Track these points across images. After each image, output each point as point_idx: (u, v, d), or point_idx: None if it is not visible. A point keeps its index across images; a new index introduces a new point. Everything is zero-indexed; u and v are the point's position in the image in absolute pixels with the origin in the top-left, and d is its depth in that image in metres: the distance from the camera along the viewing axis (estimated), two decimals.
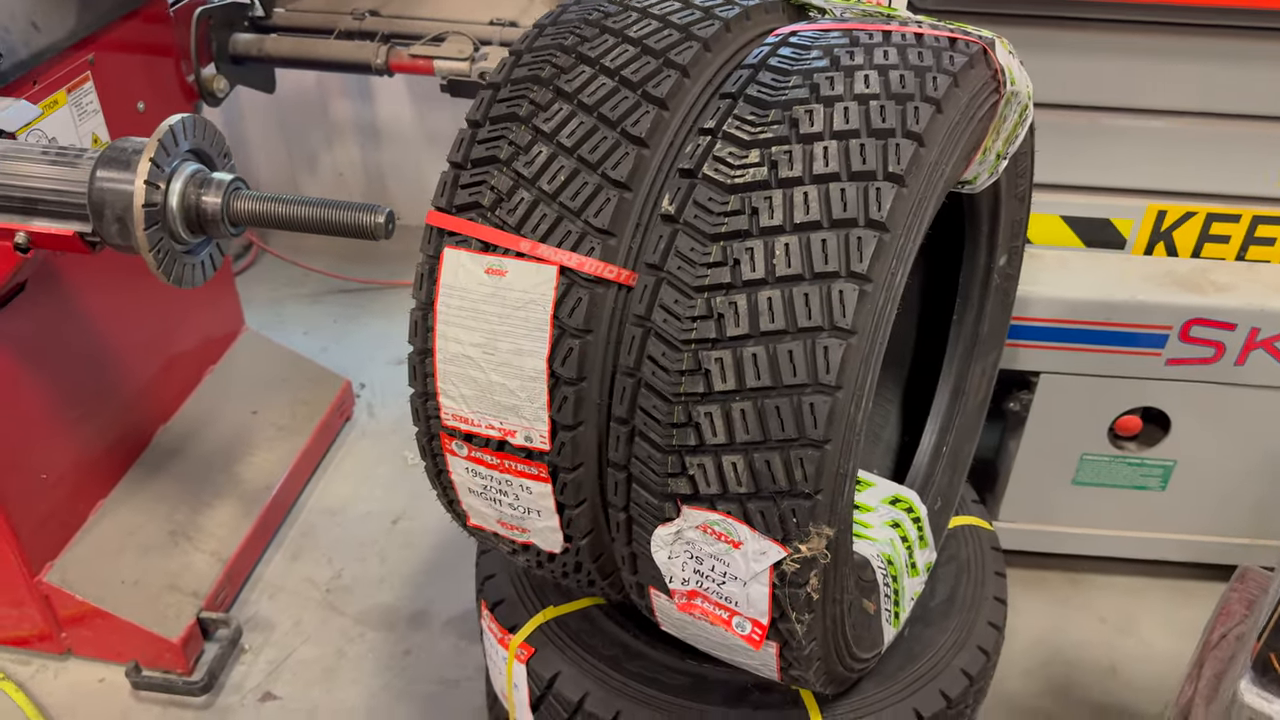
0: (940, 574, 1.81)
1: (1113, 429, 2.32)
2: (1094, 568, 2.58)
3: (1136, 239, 2.25)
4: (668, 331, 1.20)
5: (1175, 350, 2.17)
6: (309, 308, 3.48)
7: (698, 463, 1.20)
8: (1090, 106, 2.11)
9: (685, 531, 1.25)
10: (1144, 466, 2.36)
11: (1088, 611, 2.50)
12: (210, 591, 2.33)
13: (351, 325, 3.41)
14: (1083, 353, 2.20)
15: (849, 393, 1.14)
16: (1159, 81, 2.05)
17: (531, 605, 1.74)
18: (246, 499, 2.54)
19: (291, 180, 3.87)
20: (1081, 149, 2.14)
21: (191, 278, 1.80)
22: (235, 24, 2.62)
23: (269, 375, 2.83)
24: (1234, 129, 2.10)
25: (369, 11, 2.68)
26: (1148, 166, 2.16)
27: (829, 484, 1.16)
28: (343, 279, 3.57)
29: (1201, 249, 2.25)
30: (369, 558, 2.60)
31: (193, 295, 2.64)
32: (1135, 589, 2.55)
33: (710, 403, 1.18)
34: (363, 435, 2.97)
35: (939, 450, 1.81)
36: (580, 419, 1.30)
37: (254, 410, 2.73)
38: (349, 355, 3.20)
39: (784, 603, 1.23)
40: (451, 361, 1.34)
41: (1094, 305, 2.13)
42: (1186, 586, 2.55)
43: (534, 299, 1.27)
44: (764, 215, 1.17)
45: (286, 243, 3.73)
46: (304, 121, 3.70)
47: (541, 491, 1.36)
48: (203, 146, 1.76)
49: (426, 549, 2.62)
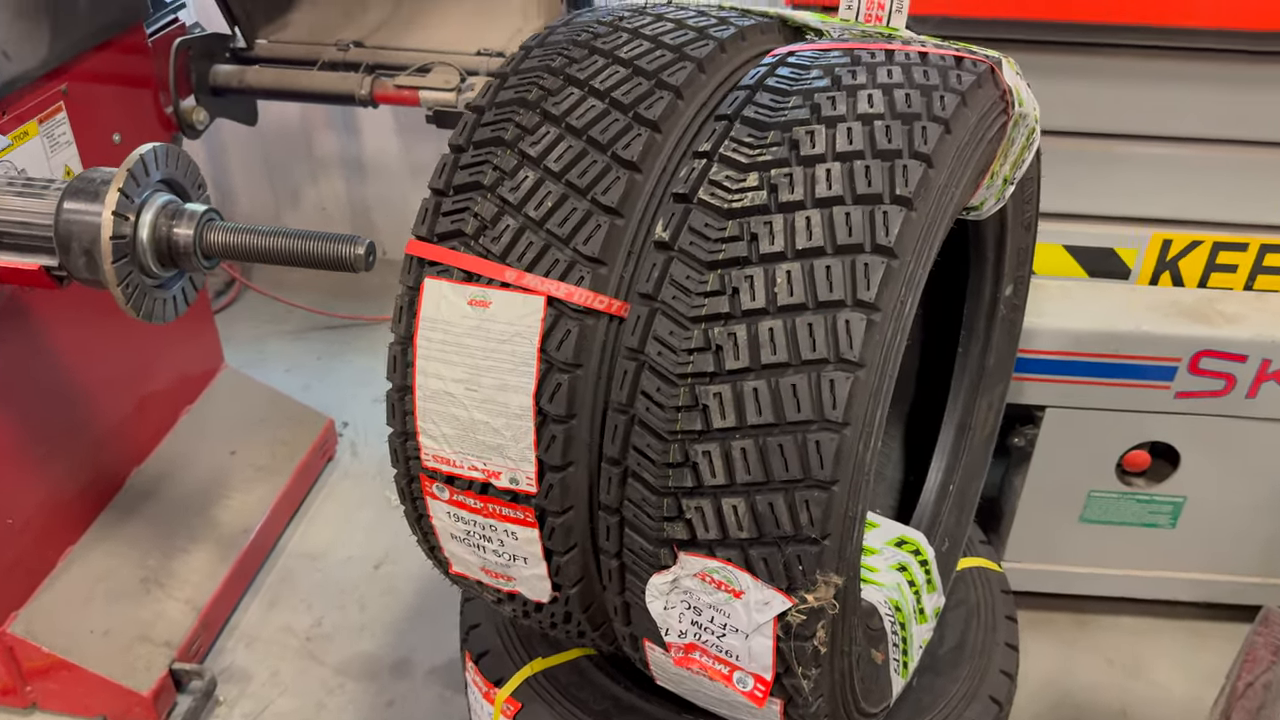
0: (949, 619, 1.72)
1: (1120, 465, 2.25)
2: (1101, 608, 2.50)
3: (1141, 269, 2.19)
4: (662, 365, 1.13)
5: (1184, 383, 2.11)
6: (291, 344, 3.40)
7: (695, 505, 1.12)
8: (1093, 133, 2.05)
9: (682, 580, 1.16)
10: (1153, 503, 2.29)
11: (1096, 654, 2.41)
12: (184, 641, 2.22)
13: (335, 362, 3.32)
14: (1089, 386, 2.13)
15: (857, 430, 1.06)
16: (1164, 107, 2.00)
17: (518, 657, 1.65)
18: (223, 543, 2.44)
19: (275, 215, 3.80)
20: (1084, 177, 2.09)
21: (163, 313, 1.72)
22: (216, 55, 2.57)
23: (248, 414, 2.74)
24: (1241, 155, 2.05)
25: (353, 43, 2.62)
26: (1152, 194, 2.10)
27: (837, 528, 1.08)
28: (326, 315, 3.49)
29: (1208, 279, 2.19)
30: (349, 605, 2.50)
31: (169, 332, 2.56)
32: (1144, 630, 2.47)
33: (708, 441, 1.10)
34: (345, 475, 2.88)
35: (945, 489, 1.74)
36: (569, 459, 1.22)
37: (232, 450, 2.64)
38: (332, 393, 3.12)
39: (789, 656, 1.14)
40: (432, 399, 1.26)
41: (1100, 337, 2.06)
42: (1198, 627, 2.47)
43: (520, 331, 1.20)
44: (764, 241, 1.10)
45: (269, 279, 3.66)
46: (288, 155, 3.64)
47: (528, 537, 1.28)
48: (175, 177, 1.69)
49: (409, 595, 2.52)
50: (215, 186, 3.73)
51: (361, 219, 3.77)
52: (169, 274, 1.71)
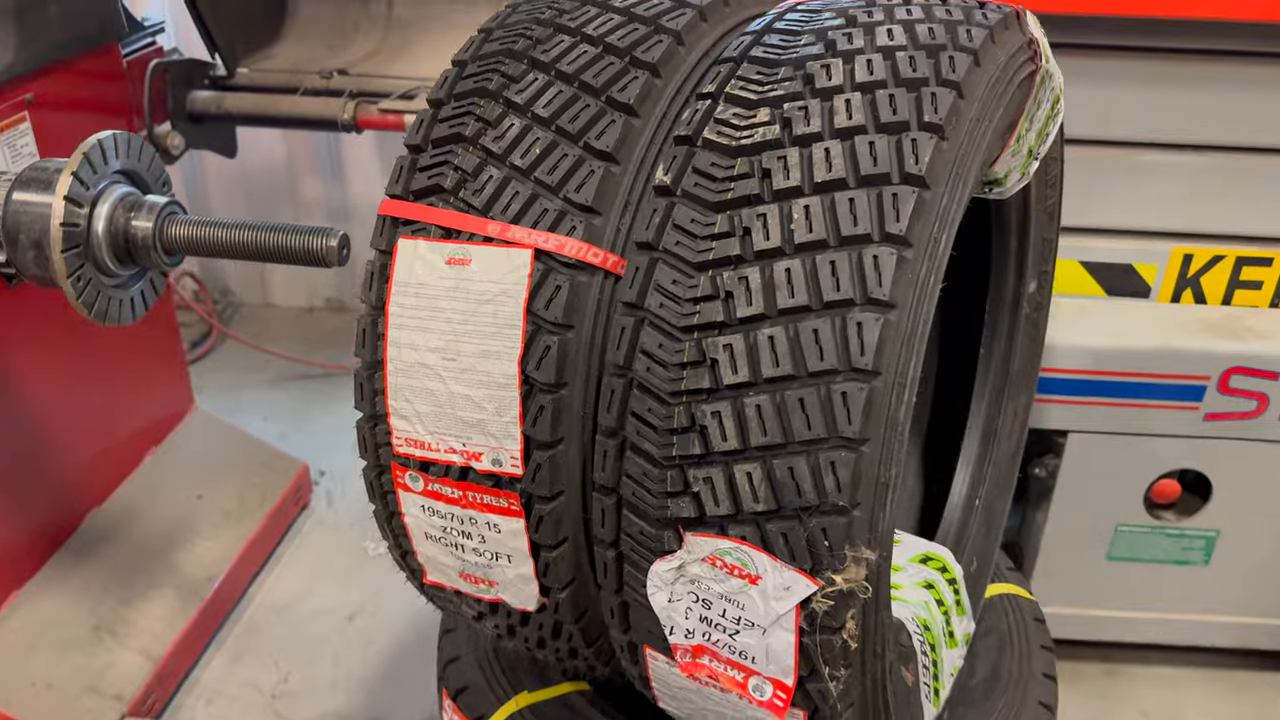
0: (979, 649, 1.56)
1: (1149, 496, 2.10)
2: (1131, 657, 2.32)
3: (1162, 286, 2.08)
4: (664, 319, 1.00)
5: (1214, 404, 1.98)
6: (269, 392, 3.26)
7: (704, 476, 0.98)
8: (1108, 141, 1.97)
9: (689, 566, 1.01)
10: (1184, 538, 2.14)
11: (1129, 705, 2.23)
12: (137, 695, 2.03)
13: (314, 410, 3.18)
14: (1113, 408, 2.00)
15: (889, 380, 0.93)
16: (1182, 114, 1.92)
17: (502, 692, 1.48)
18: (184, 591, 2.26)
19: (258, 265, 3.69)
20: (1100, 188, 1.99)
21: (118, 314, 1.59)
22: (195, 82, 2.48)
23: (218, 457, 2.58)
24: (1264, 164, 1.96)
25: (337, 71, 2.55)
26: (1172, 206, 2.01)
27: (868, 495, 0.93)
28: (306, 363, 3.35)
29: (1232, 296, 2.08)
30: (320, 659, 2.31)
31: (135, 367, 2.43)
32: (1178, 680, 2.29)
33: (718, 400, 0.97)
34: (320, 525, 2.71)
35: (971, 504, 1.59)
36: (559, 435, 1.08)
37: (199, 495, 2.47)
38: (309, 441, 2.96)
39: (814, 654, 0.99)
40: (405, 372, 1.12)
41: (1123, 354, 1.94)
42: (1235, 678, 2.29)
43: (504, 290, 1.07)
44: (778, 177, 0.98)
45: (249, 329, 3.53)
46: (271, 200, 3.55)
47: (512, 529, 1.12)
48: (136, 169, 1.58)
49: (387, 648, 2.34)
50: None
51: (348, 268, 3.66)
52: (127, 272, 1.58)
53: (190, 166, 3.51)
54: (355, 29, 2.75)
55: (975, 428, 1.61)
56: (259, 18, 2.65)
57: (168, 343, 2.56)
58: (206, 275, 3.71)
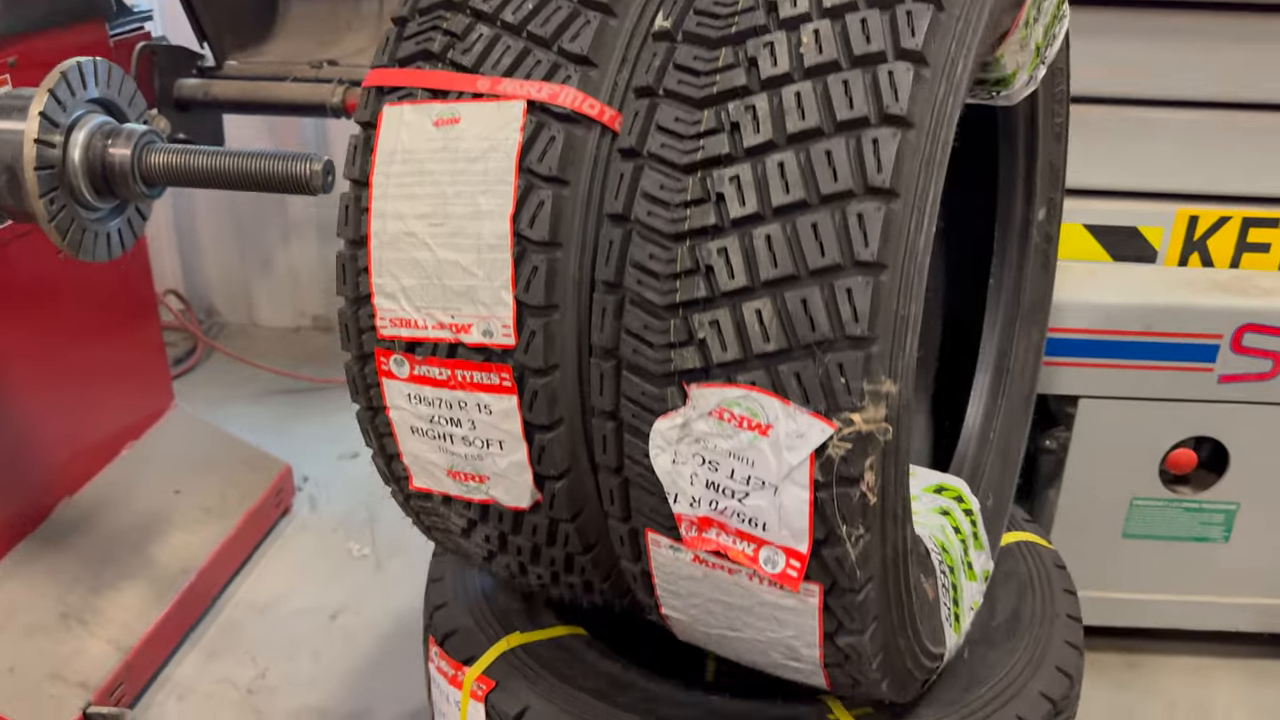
0: (998, 594, 1.47)
1: (1164, 467, 2.03)
2: (1152, 648, 2.22)
3: (1168, 250, 2.03)
4: (666, 158, 0.94)
5: (1227, 364, 1.92)
6: (253, 406, 3.17)
7: (710, 320, 0.91)
8: (1111, 99, 1.93)
9: (694, 423, 0.94)
10: (1203, 512, 2.06)
11: (1154, 697, 2.12)
12: (104, 683, 1.91)
13: (298, 424, 3.09)
14: (1124, 370, 1.94)
15: (908, 202, 0.87)
16: (1185, 69, 1.89)
17: (492, 633, 1.38)
18: (159, 583, 2.15)
19: (244, 281, 3.63)
20: (1102, 147, 1.95)
21: (93, 248, 1.52)
22: (182, 70, 2.45)
23: (197, 455, 2.49)
24: (1270, 121, 1.93)
25: (327, 61, 2.52)
26: (1175, 165, 1.97)
27: (886, 325, 0.87)
28: (293, 376, 3.27)
29: (1240, 260, 2.03)
30: (300, 656, 2.19)
31: (113, 360, 2.35)
32: (1203, 670, 2.18)
33: (725, 235, 0.91)
34: (303, 528, 2.60)
35: (985, 437, 1.52)
36: (553, 299, 1.01)
37: (176, 490, 2.37)
38: (293, 451, 2.86)
39: (830, 512, 0.91)
40: (390, 245, 1.06)
41: (1133, 311, 1.89)
42: (1262, 666, 2.19)
43: (494, 145, 1.01)
44: (784, 6, 0.94)
45: (235, 348, 3.46)
46: (260, 218, 3.51)
47: (504, 409, 1.05)
48: (114, 99, 1.53)
49: (370, 644, 2.22)
50: (179, 250, 3.58)
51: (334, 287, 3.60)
52: (106, 205, 1.52)
53: None
54: (347, 27, 2.73)
55: (987, 360, 1.55)
56: (249, 14, 2.64)
57: (147, 336, 2.48)
58: (192, 295, 3.65)
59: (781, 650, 1.06)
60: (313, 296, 3.62)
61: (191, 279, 3.62)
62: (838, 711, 1.26)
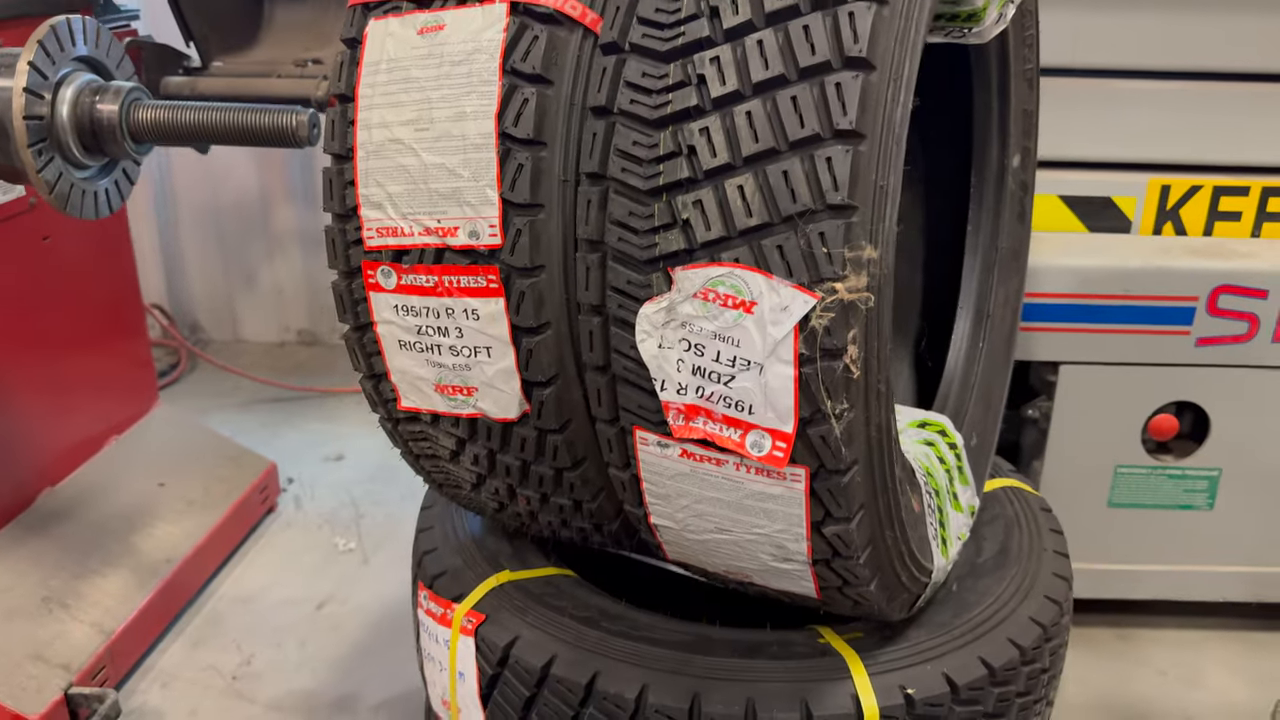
0: (985, 533, 1.48)
1: (1147, 434, 2.04)
2: (1141, 621, 2.22)
3: (1142, 220, 2.07)
4: (647, 47, 0.96)
5: (1205, 327, 1.94)
6: (238, 415, 3.16)
7: (693, 200, 0.93)
8: (1080, 70, 1.98)
9: (679, 306, 0.95)
10: (1186, 479, 2.07)
11: (1146, 667, 2.12)
12: (86, 666, 1.88)
13: (283, 429, 3.08)
14: (1104, 335, 1.96)
15: (884, 75, 0.89)
16: (1153, 40, 1.94)
17: (481, 570, 1.38)
18: (142, 571, 2.13)
19: (228, 296, 3.63)
20: (1074, 119, 2.00)
21: (81, 205, 1.53)
22: (168, 68, 2.48)
23: (182, 449, 2.48)
24: (1238, 91, 1.98)
25: (312, 60, 2.56)
26: (1146, 136, 2.01)
27: (866, 195, 0.89)
28: (277, 385, 3.26)
29: (1213, 228, 2.07)
30: (286, 643, 2.16)
31: (98, 352, 2.35)
32: (1192, 642, 2.18)
33: (706, 115, 0.93)
34: (288, 526, 2.58)
35: (968, 380, 1.54)
36: (538, 198, 1.03)
37: (161, 483, 2.36)
38: (279, 453, 2.84)
39: (815, 389, 0.92)
40: (376, 154, 1.08)
41: (1111, 274, 1.91)
42: (1250, 637, 2.19)
43: (478, 47, 1.03)
44: None
45: (221, 358, 3.45)
46: (243, 232, 3.52)
47: (491, 313, 1.06)
48: (100, 59, 1.54)
49: (357, 631, 2.20)
50: (163, 266, 3.58)
51: (321, 299, 3.61)
52: (96, 163, 1.54)
53: (161, 196, 3.49)
54: (332, 32, 2.77)
55: (967, 305, 1.57)
56: (235, 17, 2.67)
57: (132, 331, 2.48)
58: (176, 310, 3.65)
59: (770, 550, 1.06)
60: (297, 311, 3.63)
61: (175, 294, 3.62)
62: (828, 636, 1.26)
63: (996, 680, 1.22)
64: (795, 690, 1.16)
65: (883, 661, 1.20)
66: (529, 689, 1.23)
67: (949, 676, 1.20)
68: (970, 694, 1.20)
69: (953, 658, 1.22)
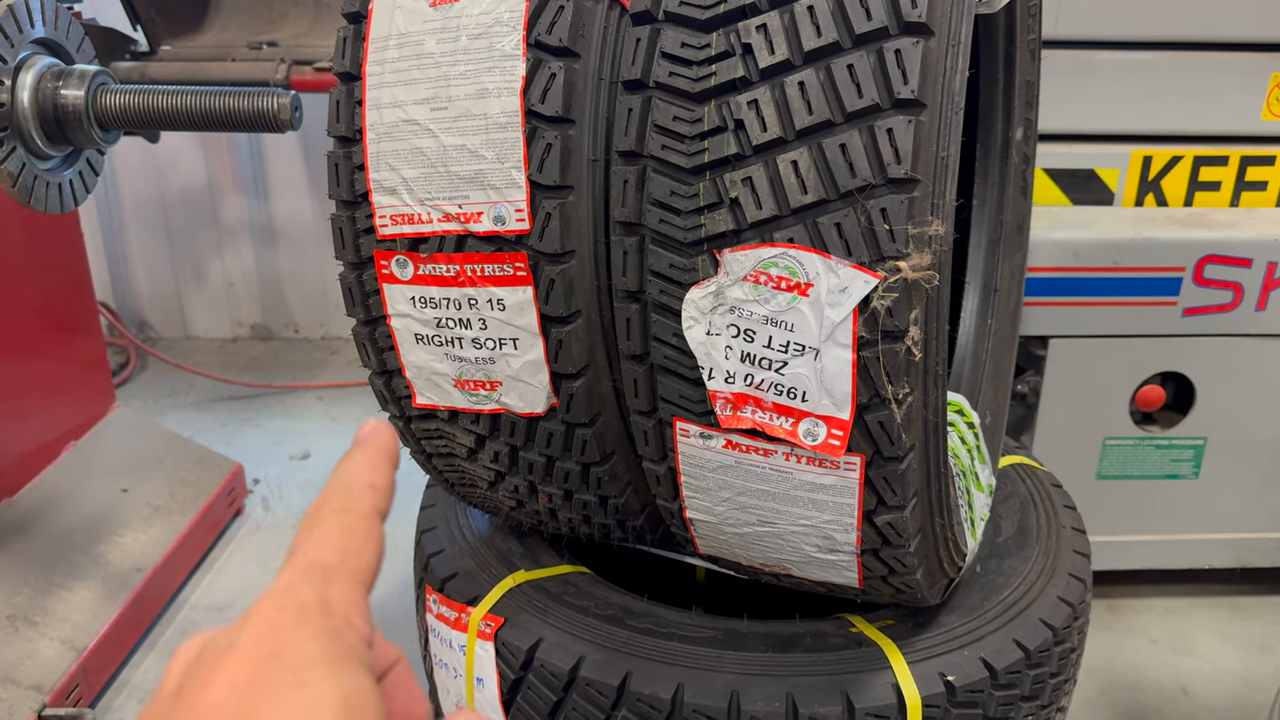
0: (1001, 511, 1.46)
1: (1134, 405, 2.05)
2: (1129, 592, 2.24)
3: (1124, 191, 2.07)
4: (687, 14, 0.91)
5: (1191, 297, 1.95)
6: (195, 414, 3.04)
7: (742, 178, 0.88)
8: (1061, 42, 1.97)
9: (728, 290, 0.90)
10: (1173, 449, 2.08)
11: (1137, 636, 2.13)
12: (59, 685, 1.79)
13: (244, 427, 2.97)
14: (1092, 308, 1.96)
15: (942, 40, 0.85)
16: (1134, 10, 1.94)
17: (495, 572, 1.32)
18: (111, 582, 2.03)
19: (176, 292, 3.50)
20: (1055, 91, 1.99)
21: (45, 198, 1.43)
22: (116, 53, 2.36)
23: (144, 453, 2.37)
24: (1214, 60, 1.99)
25: (267, 43, 2.45)
26: (1129, 107, 2.01)
27: (928, 165, 0.85)
28: (232, 383, 3.15)
29: (1193, 199, 2.08)
30: None
31: (51, 356, 2.23)
32: (1180, 610, 2.21)
33: (755, 88, 0.88)
34: (257, 528, 2.49)
35: (979, 357, 1.51)
36: (568, 179, 0.97)
37: (124, 489, 2.25)
38: (242, 453, 2.75)
39: (875, 373, 0.88)
40: (388, 136, 1.01)
41: (1098, 246, 1.91)
42: (1235, 603, 2.22)
43: (499, 20, 0.97)
44: None
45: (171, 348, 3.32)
46: (191, 225, 3.39)
47: (518, 302, 1.00)
48: (60, 40, 1.45)
49: None
50: (107, 261, 3.44)
51: (272, 293, 3.50)
52: (60, 152, 1.44)
53: (103, 187, 3.34)
54: (284, 16, 2.67)
55: (975, 279, 1.54)
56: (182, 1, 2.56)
57: (85, 329, 2.36)
58: (121, 307, 3.50)
59: (816, 541, 1.02)
60: (249, 305, 3.50)
61: (120, 290, 3.48)
62: (860, 625, 1.23)
63: (1032, 662, 1.20)
64: (834, 683, 1.13)
65: (920, 649, 1.17)
66: (556, 693, 1.18)
67: (987, 661, 1.17)
68: (1008, 678, 1.18)
69: (988, 641, 1.19)
